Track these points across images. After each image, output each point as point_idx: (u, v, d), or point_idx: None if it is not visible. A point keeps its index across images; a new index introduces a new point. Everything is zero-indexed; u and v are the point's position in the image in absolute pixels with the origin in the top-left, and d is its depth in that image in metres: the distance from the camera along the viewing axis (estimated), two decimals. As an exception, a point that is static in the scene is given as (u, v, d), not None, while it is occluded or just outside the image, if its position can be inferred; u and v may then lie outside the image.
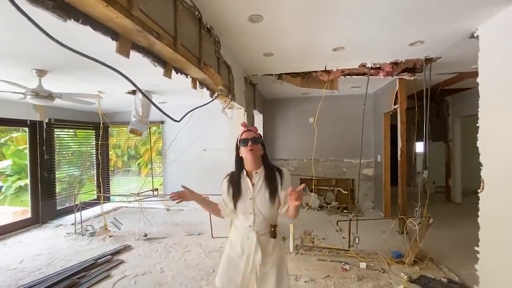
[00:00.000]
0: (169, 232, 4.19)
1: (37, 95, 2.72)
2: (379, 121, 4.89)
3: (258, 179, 1.46)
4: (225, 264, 1.51)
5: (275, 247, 1.46)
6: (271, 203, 1.41)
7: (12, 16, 1.58)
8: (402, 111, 3.84)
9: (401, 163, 3.96)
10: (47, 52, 2.30)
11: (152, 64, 1.58)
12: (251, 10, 1.91)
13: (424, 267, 2.82)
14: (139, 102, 3.74)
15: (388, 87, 4.40)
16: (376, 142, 5.16)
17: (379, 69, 3.21)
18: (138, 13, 1.17)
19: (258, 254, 1.40)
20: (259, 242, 1.42)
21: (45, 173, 4.82)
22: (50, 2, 0.94)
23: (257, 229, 1.43)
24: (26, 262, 3.21)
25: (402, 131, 3.91)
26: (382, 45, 2.66)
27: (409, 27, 2.24)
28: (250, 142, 1.44)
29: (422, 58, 2.97)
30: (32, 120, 4.61)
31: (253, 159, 1.45)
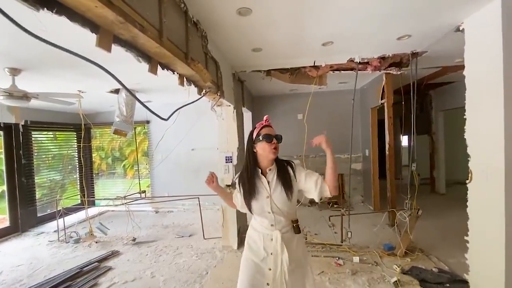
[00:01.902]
0: (158, 235, 4.07)
1: (11, 96, 2.53)
2: (367, 116, 4.95)
3: (273, 176, 1.40)
4: (245, 270, 1.41)
5: (298, 243, 1.42)
6: (289, 198, 1.36)
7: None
8: (389, 106, 3.90)
9: (389, 156, 4.02)
10: (20, 48, 2.13)
11: (136, 59, 1.48)
12: (240, 2, 1.84)
13: (415, 258, 2.87)
14: (123, 101, 3.58)
15: (374, 82, 4.45)
16: (364, 136, 5.23)
17: (367, 64, 3.22)
18: (119, 3, 1.07)
19: (285, 253, 1.33)
20: (284, 240, 1.34)
21: (23, 178, 4.56)
22: (19, -11, 0.84)
23: (279, 227, 1.36)
24: (5, 274, 3.01)
25: (389, 125, 3.97)
26: (371, 40, 2.66)
27: (397, 21, 2.24)
28: (275, 140, 1.39)
29: (409, 52, 3.01)
30: (6, 123, 4.33)
31: (273, 157, 1.40)
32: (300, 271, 1.40)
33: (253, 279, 1.37)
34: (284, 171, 1.41)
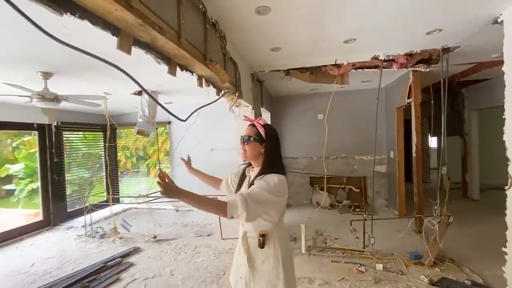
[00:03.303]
0: (178, 233, 4.15)
1: (43, 98, 2.69)
2: (392, 116, 4.72)
3: (252, 178, 1.32)
4: (234, 259, 1.48)
5: (267, 257, 1.27)
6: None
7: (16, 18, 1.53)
8: (417, 105, 3.68)
9: (416, 159, 3.80)
10: (52, 53, 2.25)
11: (156, 61, 1.50)
12: (258, 1, 1.81)
13: (445, 268, 2.68)
14: (145, 102, 3.70)
15: (401, 80, 4.23)
16: (389, 138, 4.99)
17: (393, 61, 3.06)
18: (138, 5, 1.09)
19: (244, 255, 1.28)
20: (247, 244, 1.31)
21: (55, 175, 4.86)
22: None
23: (246, 228, 1.33)
24: (37, 266, 3.22)
25: (416, 126, 3.75)
26: (397, 35, 2.52)
27: (426, 14, 2.10)
28: (242, 142, 1.36)
29: (439, 48, 2.81)
30: (40, 124, 4.64)
31: (247, 159, 1.39)
32: (267, 284, 1.26)
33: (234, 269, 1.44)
34: (256, 177, 1.28)
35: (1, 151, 8.04)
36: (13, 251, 3.74)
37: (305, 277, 2.66)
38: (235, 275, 1.40)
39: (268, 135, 1.33)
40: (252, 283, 1.29)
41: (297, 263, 2.95)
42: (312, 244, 3.39)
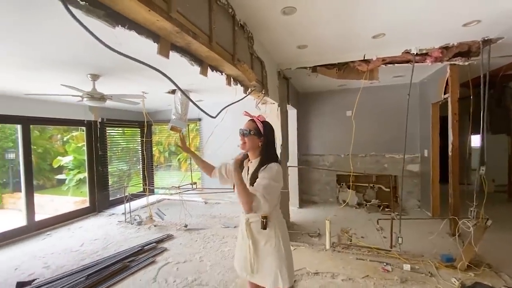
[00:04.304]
0: (207, 224, 4.40)
1: (92, 97, 3.03)
2: (426, 113, 4.48)
3: (252, 169, 1.48)
4: (237, 245, 1.63)
5: (269, 238, 1.45)
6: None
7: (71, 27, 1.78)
8: (454, 101, 3.46)
9: (452, 158, 3.58)
10: (100, 58, 2.54)
11: (190, 63, 1.65)
12: (284, 2, 1.88)
13: (480, 273, 2.53)
14: (178, 100, 3.95)
15: (436, 74, 3.99)
16: (423, 135, 4.75)
17: (426, 55, 2.92)
18: (176, 15, 1.23)
19: (249, 240, 1.45)
20: (250, 229, 1.46)
21: (99, 167, 5.39)
22: (101, 12, 1.04)
23: (248, 216, 1.46)
24: (86, 245, 3.64)
25: (453, 123, 3.53)
26: (430, 28, 2.42)
27: (462, 5, 1.99)
28: (241, 134, 1.49)
29: (479, 39, 2.63)
30: (88, 120, 5.18)
31: (245, 150, 1.51)
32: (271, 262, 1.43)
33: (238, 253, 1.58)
34: (258, 168, 1.44)
35: (53, 145, 9.06)
36: (65, 232, 4.26)
37: (328, 272, 2.70)
38: (240, 260, 1.56)
39: (266, 130, 1.50)
40: (256, 264, 1.46)
41: (321, 258, 3.00)
42: (337, 241, 3.39)
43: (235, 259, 1.65)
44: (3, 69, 2.68)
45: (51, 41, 2.06)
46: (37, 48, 2.20)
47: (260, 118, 1.53)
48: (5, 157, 7.88)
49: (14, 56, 2.34)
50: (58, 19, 1.68)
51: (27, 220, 4.19)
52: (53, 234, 4.18)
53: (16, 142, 4.58)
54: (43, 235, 4.12)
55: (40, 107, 4.33)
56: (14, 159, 7.93)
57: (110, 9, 1.07)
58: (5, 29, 1.80)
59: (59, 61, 2.53)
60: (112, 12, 1.08)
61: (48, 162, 8.55)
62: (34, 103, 4.21)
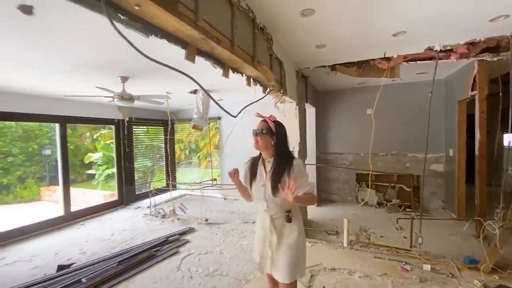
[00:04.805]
0: (226, 219, 4.56)
1: (122, 98, 3.27)
2: (452, 111, 4.31)
3: (270, 168, 1.54)
4: (255, 242, 1.69)
5: (292, 231, 1.53)
6: (274, 191, 1.46)
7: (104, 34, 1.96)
8: (482, 98, 3.32)
9: (479, 158, 3.45)
10: (129, 61, 2.75)
11: (213, 66, 1.77)
12: (303, 5, 1.94)
13: (505, 276, 2.45)
14: (200, 100, 4.12)
15: (463, 71, 3.84)
16: (448, 134, 4.57)
17: (451, 51, 2.84)
18: (202, 23, 1.34)
19: (274, 236, 1.52)
20: (274, 225, 1.53)
21: (127, 163, 5.74)
22: (138, 24, 1.17)
23: (271, 213, 1.53)
24: (116, 235, 3.93)
25: (481, 121, 3.39)
26: (454, 25, 2.36)
27: (487, 1, 1.94)
28: (254, 134, 1.57)
29: (509, 34, 2.52)
30: (117, 119, 5.53)
31: (258, 149, 1.58)
32: (289, 257, 1.50)
33: (258, 249, 1.63)
34: (280, 165, 1.50)
35: (83, 142, 9.71)
36: (97, 223, 4.61)
37: (345, 268, 2.73)
38: (261, 252, 1.62)
39: (277, 129, 1.56)
40: (277, 257, 1.53)
41: (338, 255, 3.03)
42: (355, 239, 3.40)
43: (254, 252, 1.71)
44: (47, 74, 2.97)
45: (90, 48, 2.28)
46: (77, 54, 2.43)
47: (271, 118, 1.60)
48: (42, 153, 8.57)
49: (57, 62, 2.61)
50: (97, 30, 1.86)
51: (64, 211, 4.58)
52: (86, 224, 4.54)
53: (54, 140, 5.00)
54: (77, 225, 4.49)
55: (75, 107, 4.70)
56: (50, 155, 8.61)
57: (145, 22, 1.20)
58: (52, 38, 2.03)
59: (94, 65, 2.77)
60: (147, 24, 1.22)
61: (79, 158, 9.18)
62: (70, 103, 4.58)
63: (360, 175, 5.46)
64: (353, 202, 5.43)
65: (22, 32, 1.89)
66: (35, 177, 8.42)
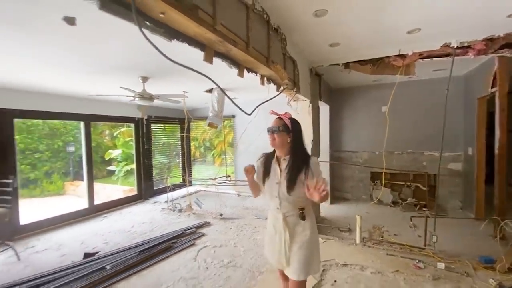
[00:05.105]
0: (240, 214, 4.68)
1: (143, 97, 3.45)
2: (472, 108, 4.20)
3: (285, 166, 1.52)
4: (267, 239, 1.69)
5: (304, 229, 1.52)
6: (289, 189, 1.46)
7: (128, 39, 2.11)
8: (502, 95, 3.23)
9: (498, 157, 3.35)
10: (149, 62, 2.90)
11: (229, 66, 1.86)
12: (315, 5, 2.00)
13: (523, 277, 2.40)
14: (215, 99, 4.25)
15: (483, 67, 3.73)
16: (467, 132, 4.45)
17: (468, 48, 2.79)
18: (220, 27, 1.44)
19: (287, 233, 1.50)
20: (287, 223, 1.51)
21: (145, 160, 5.98)
22: (162, 30, 1.29)
23: (284, 211, 1.52)
24: (136, 227, 4.15)
25: (501, 119, 3.30)
26: (470, 21, 2.32)
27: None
28: (270, 132, 1.55)
29: (530, 29, 2.45)
30: (137, 118, 5.78)
31: (275, 147, 1.56)
32: (303, 255, 1.49)
33: (270, 246, 1.62)
34: (296, 163, 1.49)
35: (103, 139, 10.16)
36: (118, 215, 4.86)
37: (357, 264, 2.77)
38: (273, 253, 1.60)
39: (294, 126, 1.55)
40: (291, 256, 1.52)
41: (350, 251, 3.07)
42: (368, 236, 3.41)
43: (266, 250, 1.70)
44: (73, 75, 3.19)
45: (115, 51, 2.45)
46: (103, 57, 2.61)
47: (287, 115, 1.59)
48: (66, 150, 9.06)
49: (86, 64, 2.80)
50: (123, 35, 2.01)
51: (88, 204, 4.87)
52: (108, 216, 4.81)
53: (78, 137, 5.31)
54: (100, 217, 4.76)
55: (98, 106, 4.97)
56: (73, 151, 9.10)
57: (168, 27, 1.32)
58: (85, 43, 2.20)
59: (118, 66, 2.95)
60: (169, 29, 1.33)
61: (100, 154, 9.61)
62: (93, 102, 4.85)
63: (375, 174, 5.41)
64: (367, 200, 5.40)
65: (63, 38, 2.10)
66: (60, 172, 8.93)
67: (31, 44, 2.19)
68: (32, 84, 3.58)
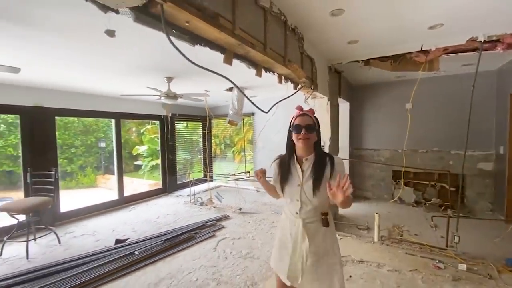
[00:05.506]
0: (258, 209, 4.81)
1: (168, 96, 3.67)
2: (504, 104, 3.96)
3: (308, 166, 1.38)
4: (277, 246, 1.48)
5: (326, 236, 1.37)
6: (314, 192, 1.32)
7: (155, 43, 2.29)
8: (537, 91, 3.03)
9: (532, 156, 3.16)
10: (174, 64, 3.09)
11: (247, 67, 1.97)
12: (332, 5, 2.03)
13: (553, 282, 2.29)
14: (235, 97, 4.40)
15: (517, 61, 3.51)
16: (499, 130, 4.21)
17: (497, 41, 2.66)
18: (239, 31, 1.55)
19: (305, 242, 1.32)
20: (306, 230, 1.34)
21: (169, 155, 6.30)
22: (186, 36, 1.42)
23: (304, 216, 1.36)
24: (161, 218, 4.43)
25: (535, 116, 3.10)
26: (497, 14, 2.23)
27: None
28: (304, 131, 1.35)
29: None
30: (162, 116, 6.11)
31: (305, 148, 1.38)
32: (327, 263, 1.35)
33: (281, 255, 1.44)
34: (321, 164, 1.36)
35: (130, 136, 10.76)
36: (144, 207, 5.20)
37: (373, 261, 2.78)
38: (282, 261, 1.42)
39: (319, 125, 1.43)
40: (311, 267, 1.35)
41: (367, 249, 3.07)
42: (387, 235, 3.38)
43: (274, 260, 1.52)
44: (107, 76, 3.47)
45: (144, 54, 2.66)
46: (133, 59, 2.84)
47: (312, 111, 1.46)
48: (98, 145, 9.74)
49: (118, 66, 3.06)
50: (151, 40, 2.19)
51: (118, 196, 5.25)
52: (136, 207, 5.16)
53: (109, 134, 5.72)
54: (129, 208, 5.13)
55: (127, 105, 5.32)
56: (104, 147, 9.76)
57: (192, 33, 1.45)
58: (118, 48, 2.42)
59: (145, 68, 3.17)
60: (193, 35, 1.46)
61: (127, 150, 10.20)
62: (123, 101, 5.20)
63: (397, 172, 5.27)
64: (388, 200, 5.28)
65: (102, 46, 2.36)
66: (93, 166, 9.62)
67: (74, 49, 2.46)
68: (70, 85, 3.94)
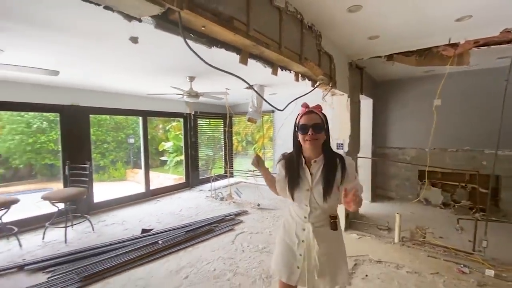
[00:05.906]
0: (276, 206, 4.86)
1: (190, 95, 3.84)
2: (546, 100, 3.62)
3: (317, 169, 1.29)
4: (281, 250, 1.42)
5: (334, 239, 1.34)
6: (325, 196, 1.25)
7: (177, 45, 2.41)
8: None
9: None
10: (195, 64, 3.23)
11: (263, 66, 2.02)
12: (348, 2, 2.01)
13: None
14: (255, 95, 4.46)
15: (563, 52, 3.19)
16: (540, 128, 3.85)
17: (536, 32, 2.45)
18: (253, 33, 1.61)
19: (316, 245, 1.28)
20: (316, 234, 1.29)
21: (192, 151, 6.56)
22: (203, 39, 1.51)
23: (313, 221, 1.30)
24: (183, 211, 4.66)
25: None
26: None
27: None
28: (311, 131, 1.25)
29: None
30: (186, 113, 6.36)
31: (313, 149, 1.29)
32: (334, 264, 1.33)
33: (286, 259, 1.38)
34: (331, 166, 1.27)
35: (156, 132, 11.28)
36: (168, 200, 5.48)
37: (392, 262, 2.72)
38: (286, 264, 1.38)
39: (327, 123, 1.34)
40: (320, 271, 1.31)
41: (386, 249, 3.01)
42: (409, 236, 3.27)
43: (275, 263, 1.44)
44: (134, 76, 3.71)
45: (168, 55, 2.82)
46: (157, 61, 3.02)
47: (319, 108, 1.35)
48: (127, 141, 10.36)
49: (143, 68, 3.27)
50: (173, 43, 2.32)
51: (145, 189, 5.59)
52: (161, 200, 5.46)
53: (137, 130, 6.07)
54: (154, 201, 5.44)
55: (153, 103, 5.61)
56: (133, 143, 10.36)
57: (208, 37, 1.53)
58: (145, 50, 2.60)
59: (169, 68, 3.35)
60: (209, 38, 1.54)
61: (154, 146, 10.74)
62: (149, 100, 5.50)
63: (424, 172, 5.03)
64: (413, 200, 5.07)
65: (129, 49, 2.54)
66: (123, 161, 10.27)
67: (106, 54, 2.68)
68: (103, 85, 4.26)
